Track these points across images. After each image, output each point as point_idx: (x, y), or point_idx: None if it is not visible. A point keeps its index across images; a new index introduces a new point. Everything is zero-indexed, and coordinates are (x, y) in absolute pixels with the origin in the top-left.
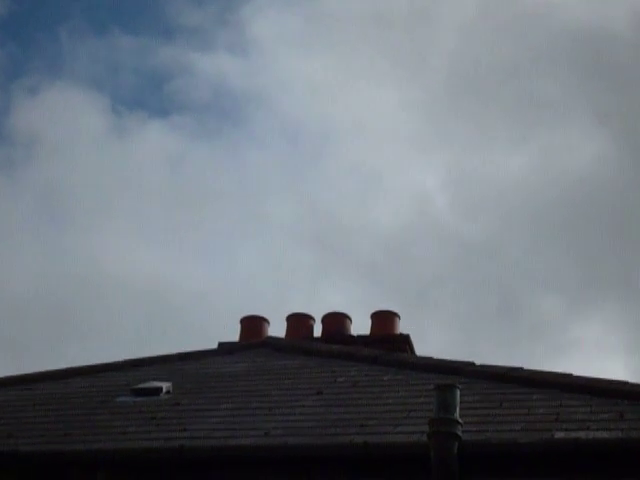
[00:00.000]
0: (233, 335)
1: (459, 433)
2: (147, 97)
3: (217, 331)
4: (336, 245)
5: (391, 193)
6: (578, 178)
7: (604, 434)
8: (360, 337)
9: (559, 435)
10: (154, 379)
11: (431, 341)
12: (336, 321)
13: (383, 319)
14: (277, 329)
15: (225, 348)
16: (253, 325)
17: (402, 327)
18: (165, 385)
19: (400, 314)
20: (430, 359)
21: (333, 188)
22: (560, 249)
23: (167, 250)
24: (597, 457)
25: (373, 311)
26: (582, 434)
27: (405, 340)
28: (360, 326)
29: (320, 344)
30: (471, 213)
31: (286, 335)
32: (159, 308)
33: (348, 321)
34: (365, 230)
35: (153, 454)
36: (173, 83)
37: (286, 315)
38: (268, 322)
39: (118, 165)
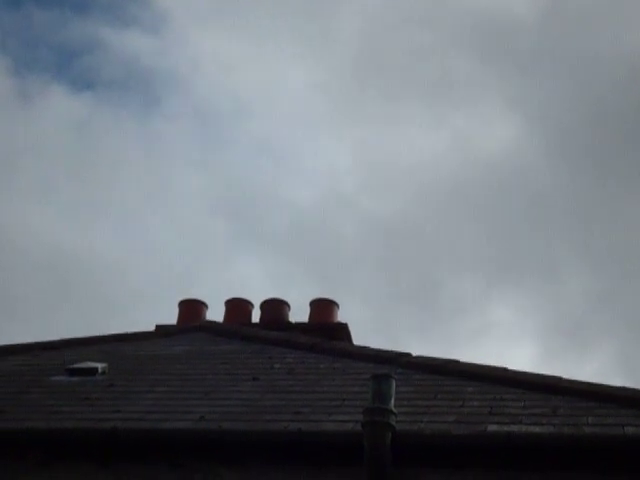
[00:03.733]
0: (169, 317)
1: (393, 423)
2: (58, 73)
3: (127, 301)
4: (249, 218)
5: (303, 171)
6: (493, 160)
7: (536, 428)
8: (298, 324)
9: (492, 428)
10: (90, 359)
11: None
12: (275, 307)
13: (322, 307)
14: (215, 313)
15: (162, 331)
16: (191, 309)
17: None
18: (100, 366)
19: (316, 291)
20: (367, 349)
21: (244, 164)
22: (475, 229)
23: (73, 218)
24: (529, 451)
25: (312, 299)
26: (515, 428)
27: (343, 329)
28: (298, 313)
29: (258, 330)
30: (384, 192)
31: (224, 320)
32: (64, 278)
33: (287, 308)
34: (278, 206)
35: (86, 434)
36: (85, 59)
37: (225, 299)
38: (207, 306)
39: (23, 128)
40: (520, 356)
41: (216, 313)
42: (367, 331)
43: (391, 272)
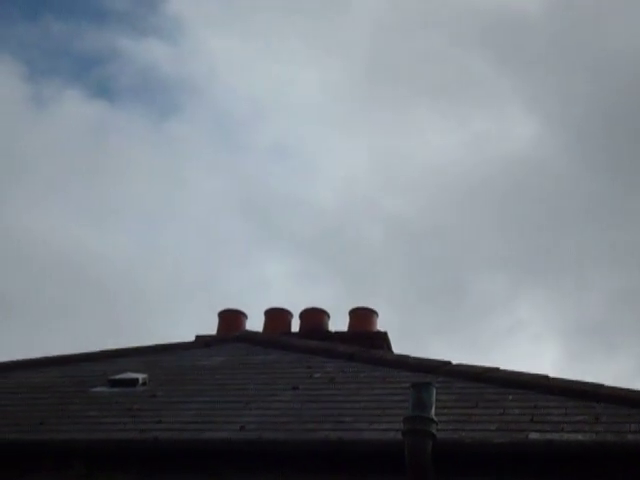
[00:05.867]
0: (210, 328)
1: (434, 432)
2: (74, 80)
3: (147, 304)
4: (269, 220)
5: (320, 173)
6: (512, 159)
7: (578, 436)
8: (337, 333)
9: (533, 436)
10: (131, 370)
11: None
12: (314, 317)
13: (361, 316)
14: (255, 323)
15: (202, 341)
16: (231, 319)
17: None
18: (141, 377)
19: (342, 292)
20: (407, 357)
21: (261, 166)
22: (497, 229)
23: (90, 220)
24: (571, 459)
25: (351, 308)
26: (556, 436)
27: (383, 337)
28: (338, 322)
29: (297, 339)
30: (404, 193)
31: (264, 329)
32: (81, 279)
33: (326, 317)
34: (298, 208)
35: (127, 445)
36: (101, 68)
37: (264, 309)
38: (246, 316)
39: (37, 133)
40: (545, 356)
41: (256, 323)
42: (393, 332)
43: (416, 273)
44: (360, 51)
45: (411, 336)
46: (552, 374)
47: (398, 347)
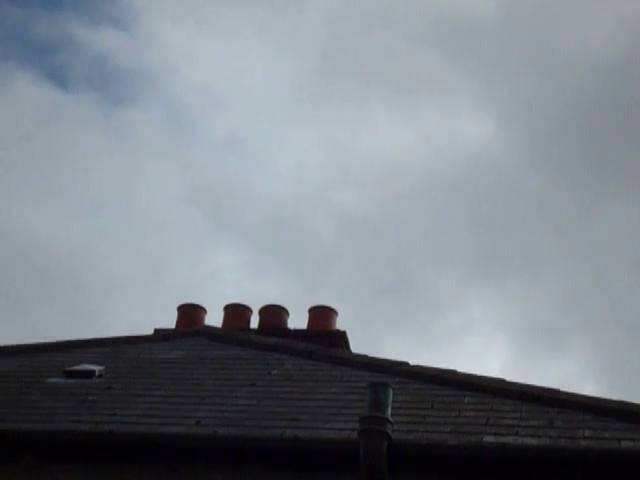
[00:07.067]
0: (169, 321)
1: (389, 432)
2: (26, 66)
3: (100, 290)
4: (222, 211)
5: (273, 166)
6: (467, 156)
7: (532, 440)
8: (296, 331)
9: (488, 439)
10: (87, 362)
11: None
12: (273, 313)
13: (320, 314)
14: (214, 318)
15: (161, 335)
16: (190, 313)
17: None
18: (98, 369)
19: (294, 285)
20: (365, 357)
21: (214, 158)
22: (452, 226)
23: (38, 206)
24: (524, 463)
25: (311, 306)
26: (510, 439)
27: (341, 336)
28: (297, 320)
29: (256, 336)
30: (357, 188)
31: (223, 325)
32: (28, 266)
33: (285, 314)
34: (250, 200)
35: (82, 437)
36: (55, 56)
37: (224, 305)
38: (205, 311)
39: None
40: (495, 355)
41: (215, 318)
42: (346, 326)
43: (368, 267)
44: (314, 45)
45: (364, 331)
46: (501, 373)
47: (351, 341)
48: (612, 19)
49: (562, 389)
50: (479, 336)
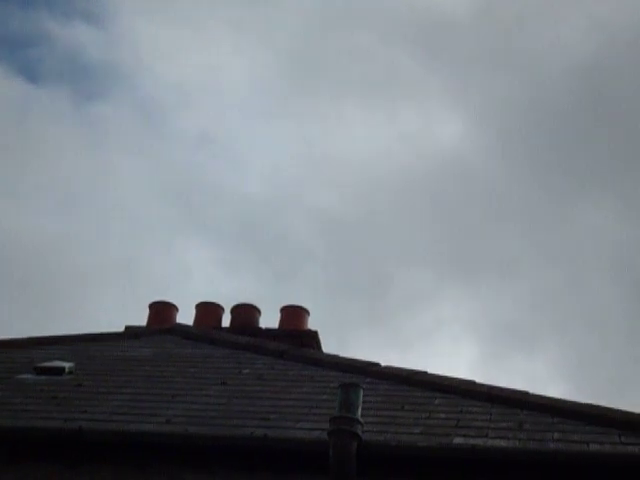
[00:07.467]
0: (140, 319)
1: (359, 433)
2: None
3: (69, 285)
4: (193, 207)
5: (245, 163)
6: (441, 156)
7: (501, 442)
8: (268, 330)
9: (458, 441)
10: (57, 359)
11: None
12: (245, 312)
13: (292, 313)
14: (186, 317)
15: (132, 332)
16: (161, 311)
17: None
18: (68, 365)
19: (266, 283)
20: (336, 357)
21: (186, 154)
22: (425, 225)
23: (7, 200)
24: (494, 465)
25: (283, 305)
26: (480, 441)
27: (313, 336)
28: (268, 318)
29: (228, 334)
30: (330, 187)
31: (194, 323)
32: (2, 258)
33: (257, 313)
34: (223, 196)
35: (51, 434)
36: (27, 51)
37: (195, 303)
38: (177, 309)
39: None
40: (465, 355)
41: (186, 316)
42: (317, 324)
43: (340, 267)
44: (289, 43)
45: (336, 331)
46: (470, 373)
47: (322, 338)
48: (584, 20)
49: (531, 391)
50: (449, 336)
